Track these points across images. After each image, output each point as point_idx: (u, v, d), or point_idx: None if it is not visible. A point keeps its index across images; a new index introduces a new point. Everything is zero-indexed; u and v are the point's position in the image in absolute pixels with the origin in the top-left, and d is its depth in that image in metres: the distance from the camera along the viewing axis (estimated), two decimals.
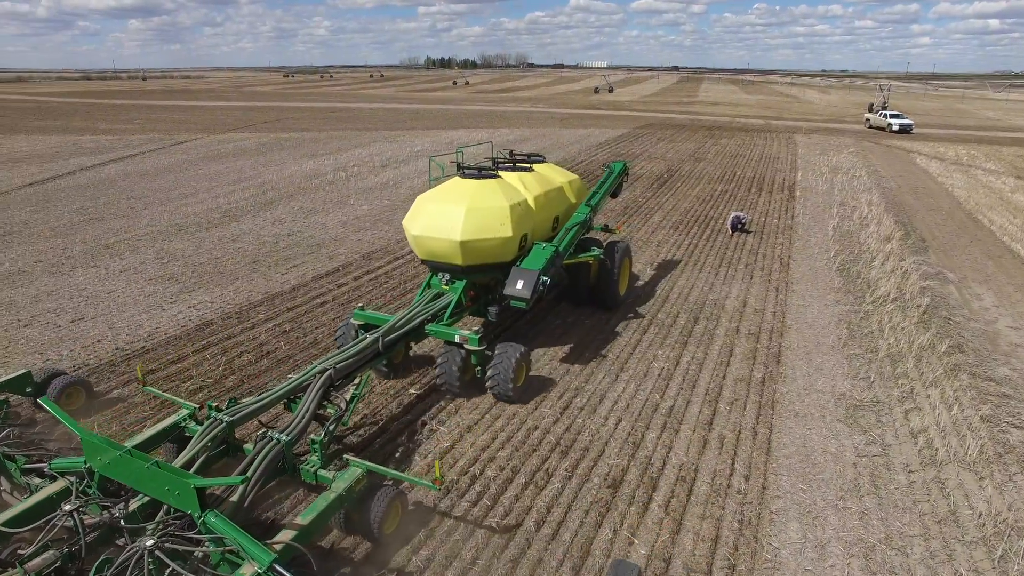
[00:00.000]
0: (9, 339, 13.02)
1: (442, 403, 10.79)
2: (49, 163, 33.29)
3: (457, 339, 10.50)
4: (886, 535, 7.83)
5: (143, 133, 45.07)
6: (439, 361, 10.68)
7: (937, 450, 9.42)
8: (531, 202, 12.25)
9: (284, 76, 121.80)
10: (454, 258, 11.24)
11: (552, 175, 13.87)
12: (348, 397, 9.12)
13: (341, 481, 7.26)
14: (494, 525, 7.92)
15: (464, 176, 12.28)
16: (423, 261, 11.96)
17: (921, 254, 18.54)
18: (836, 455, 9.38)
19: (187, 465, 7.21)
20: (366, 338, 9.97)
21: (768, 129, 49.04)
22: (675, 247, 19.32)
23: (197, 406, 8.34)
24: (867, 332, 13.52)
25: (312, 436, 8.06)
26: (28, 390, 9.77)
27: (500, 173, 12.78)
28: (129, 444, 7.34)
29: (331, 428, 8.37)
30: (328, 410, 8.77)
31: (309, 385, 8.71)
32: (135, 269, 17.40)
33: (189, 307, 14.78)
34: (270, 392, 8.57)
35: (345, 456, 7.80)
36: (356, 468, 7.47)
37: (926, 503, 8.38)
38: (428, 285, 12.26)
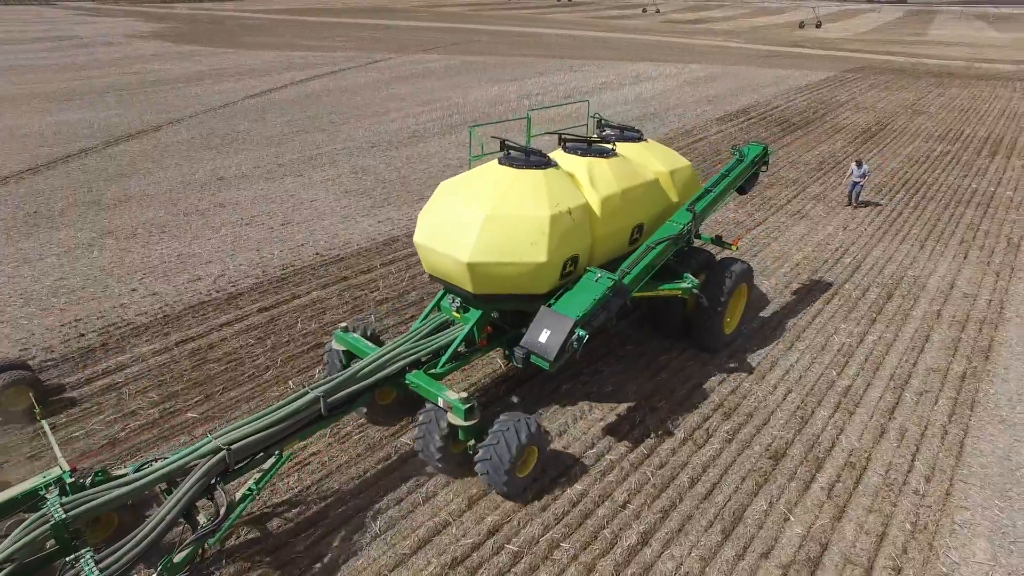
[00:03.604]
0: (235, 235, 15.05)
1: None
2: (265, 77, 36.91)
3: (440, 402, 7.53)
4: None
5: (344, 51, 48.24)
6: (418, 424, 7.79)
7: None
8: (595, 206, 8.60)
9: None
10: (462, 282, 8.12)
11: (646, 161, 9.94)
12: (237, 496, 6.35)
13: None
14: (648, 474, 8.05)
15: (504, 160, 8.61)
16: (431, 277, 8.91)
17: None
18: None
19: None
20: (305, 393, 7.11)
21: (1019, 77, 41.60)
22: (874, 212, 17.43)
23: (70, 469, 6.27)
24: None
25: None
26: None
27: (561, 158, 9.24)
28: None
29: (179, 559, 5.76)
30: (200, 517, 6.17)
31: (194, 467, 6.23)
32: (333, 181, 19.09)
33: (379, 221, 16.03)
34: (152, 468, 6.29)
35: None
36: None
37: None
38: (437, 307, 9.24)
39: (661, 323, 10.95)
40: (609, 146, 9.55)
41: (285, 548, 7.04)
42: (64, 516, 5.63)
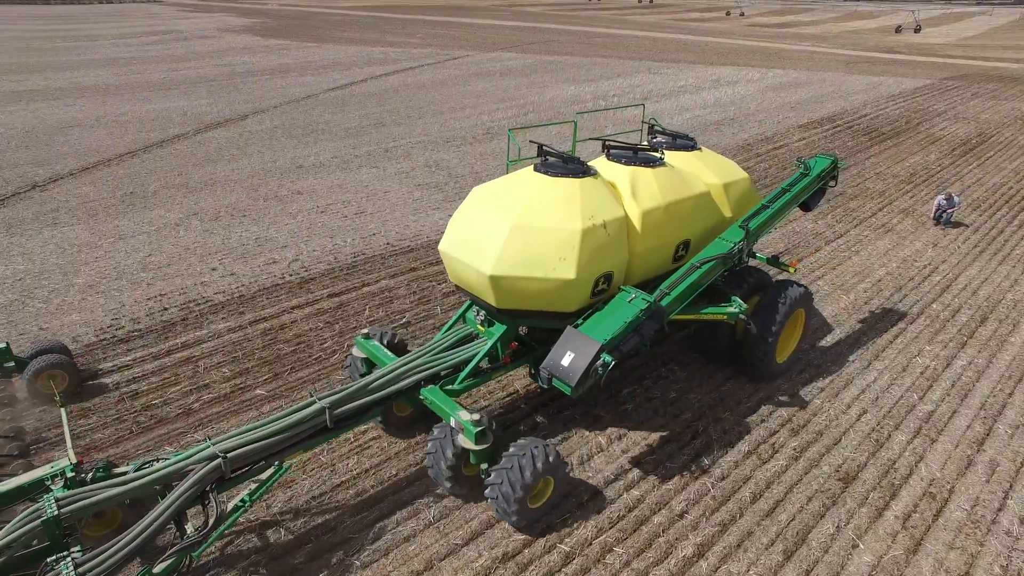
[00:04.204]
0: (310, 222, 15.55)
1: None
2: (347, 71, 38.00)
3: (452, 422, 7.12)
4: None
5: (423, 47, 49.11)
6: (430, 444, 7.39)
7: None
8: (635, 220, 7.96)
9: None
10: (485, 295, 7.67)
11: (697, 172, 9.14)
12: (229, 507, 6.16)
13: None
14: (708, 485, 7.80)
15: (539, 167, 8.08)
16: (456, 287, 8.50)
17: None
18: None
19: None
20: (312, 402, 6.81)
21: None
22: (970, 230, 16.33)
23: (76, 461, 6.12)
24: None
25: None
26: (8, 365, 8.86)
27: (603, 166, 8.61)
28: None
29: (158, 570, 5.57)
30: (188, 526, 5.93)
31: (190, 472, 6.03)
32: (407, 174, 19.43)
33: (449, 215, 16.12)
34: (149, 470, 6.09)
35: None
36: None
37: None
38: (462, 319, 8.78)
39: (708, 347, 10.18)
40: (656, 154, 8.83)
41: (340, 528, 7.17)
42: (55, 512, 5.46)
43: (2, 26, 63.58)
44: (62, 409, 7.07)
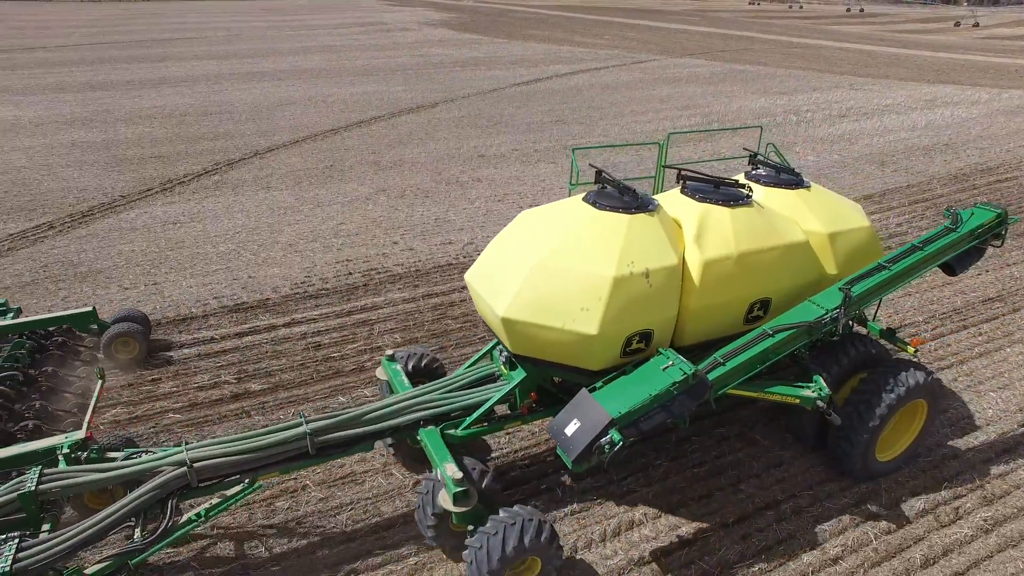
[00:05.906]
0: (487, 209, 16.28)
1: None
2: (533, 67, 39.05)
3: (438, 474, 6.15)
4: None
5: (610, 48, 49.12)
6: (418, 492, 6.63)
7: None
8: (694, 270, 6.54)
9: (750, 3, 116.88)
10: (501, 336, 6.73)
11: (798, 215, 7.48)
12: (182, 519, 5.93)
13: None
14: (871, 535, 7.12)
15: (590, 196, 6.83)
16: (484, 322, 7.57)
17: None
18: None
19: None
20: (299, 423, 6.20)
21: None
22: None
23: (84, 437, 6.17)
24: None
25: None
26: (93, 327, 9.15)
27: (672, 200, 7.26)
28: None
29: (90, 572, 5.35)
30: (137, 531, 5.59)
31: (158, 473, 5.76)
32: (584, 172, 19.60)
33: None
34: (129, 463, 5.89)
35: None
36: None
37: None
38: (488, 355, 7.76)
39: (793, 423, 8.35)
40: (743, 191, 7.19)
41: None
42: (32, 488, 5.38)
43: (245, 18, 73.21)
44: (99, 381, 6.94)
